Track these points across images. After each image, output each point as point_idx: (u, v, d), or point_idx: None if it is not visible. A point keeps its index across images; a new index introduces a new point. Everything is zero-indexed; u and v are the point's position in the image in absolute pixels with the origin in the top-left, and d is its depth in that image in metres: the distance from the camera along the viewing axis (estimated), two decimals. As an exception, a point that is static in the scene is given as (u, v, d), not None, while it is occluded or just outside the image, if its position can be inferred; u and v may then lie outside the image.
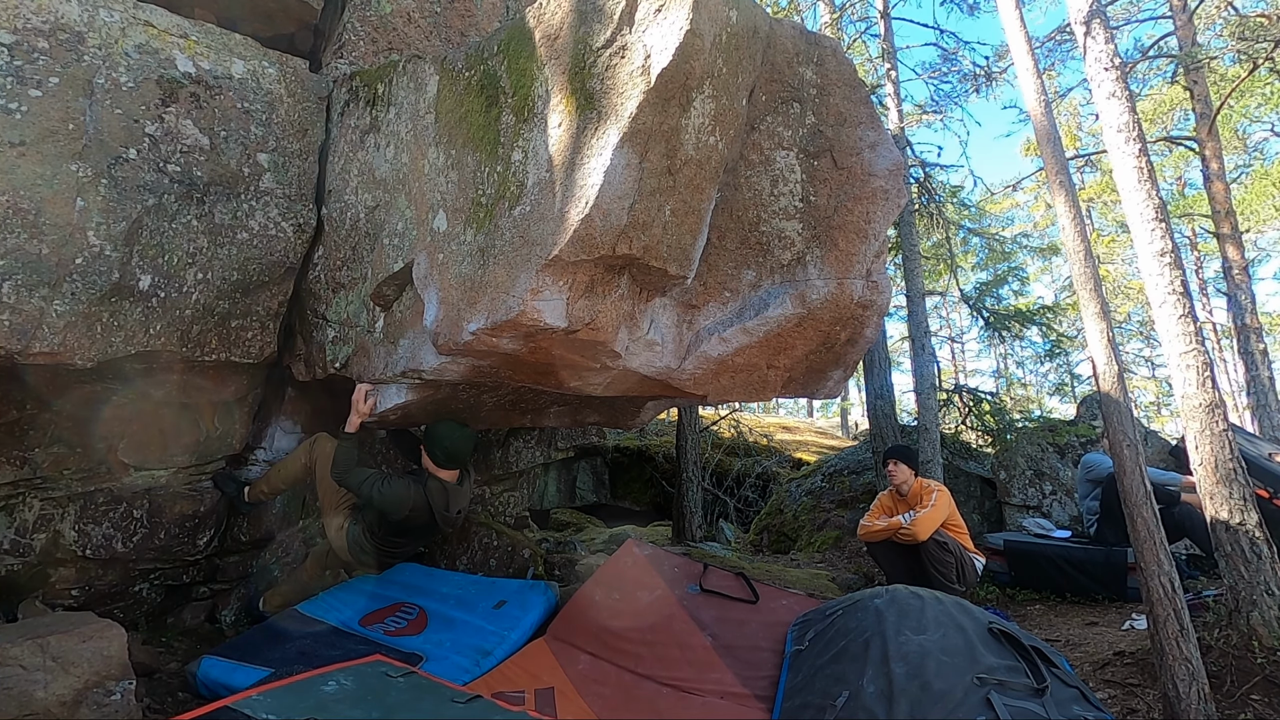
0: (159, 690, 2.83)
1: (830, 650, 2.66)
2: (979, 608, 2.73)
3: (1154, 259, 3.29)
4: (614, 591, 3.52)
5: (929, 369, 6.88)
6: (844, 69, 2.61)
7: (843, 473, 7.67)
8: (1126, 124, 3.42)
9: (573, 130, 2.14)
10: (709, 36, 2.07)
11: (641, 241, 2.16)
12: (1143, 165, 3.38)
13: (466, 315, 2.40)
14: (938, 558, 4.01)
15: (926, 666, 2.28)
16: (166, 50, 2.99)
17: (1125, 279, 18.77)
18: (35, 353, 2.55)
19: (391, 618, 3.44)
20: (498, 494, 5.40)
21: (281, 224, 3.25)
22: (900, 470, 4.37)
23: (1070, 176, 3.28)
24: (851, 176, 2.56)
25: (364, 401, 3.23)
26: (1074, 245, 3.04)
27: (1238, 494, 3.02)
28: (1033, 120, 3.37)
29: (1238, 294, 9.39)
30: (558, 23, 2.27)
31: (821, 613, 3.01)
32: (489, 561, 4.32)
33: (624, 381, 2.70)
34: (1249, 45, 7.94)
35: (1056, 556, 4.93)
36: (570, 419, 4.03)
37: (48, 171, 2.60)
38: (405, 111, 2.96)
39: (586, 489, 8.85)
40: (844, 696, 2.34)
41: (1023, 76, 3.39)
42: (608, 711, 2.74)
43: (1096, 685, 3.09)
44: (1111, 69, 3.50)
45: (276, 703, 2.07)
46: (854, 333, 2.71)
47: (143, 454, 3.31)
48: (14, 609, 3.04)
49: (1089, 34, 3.55)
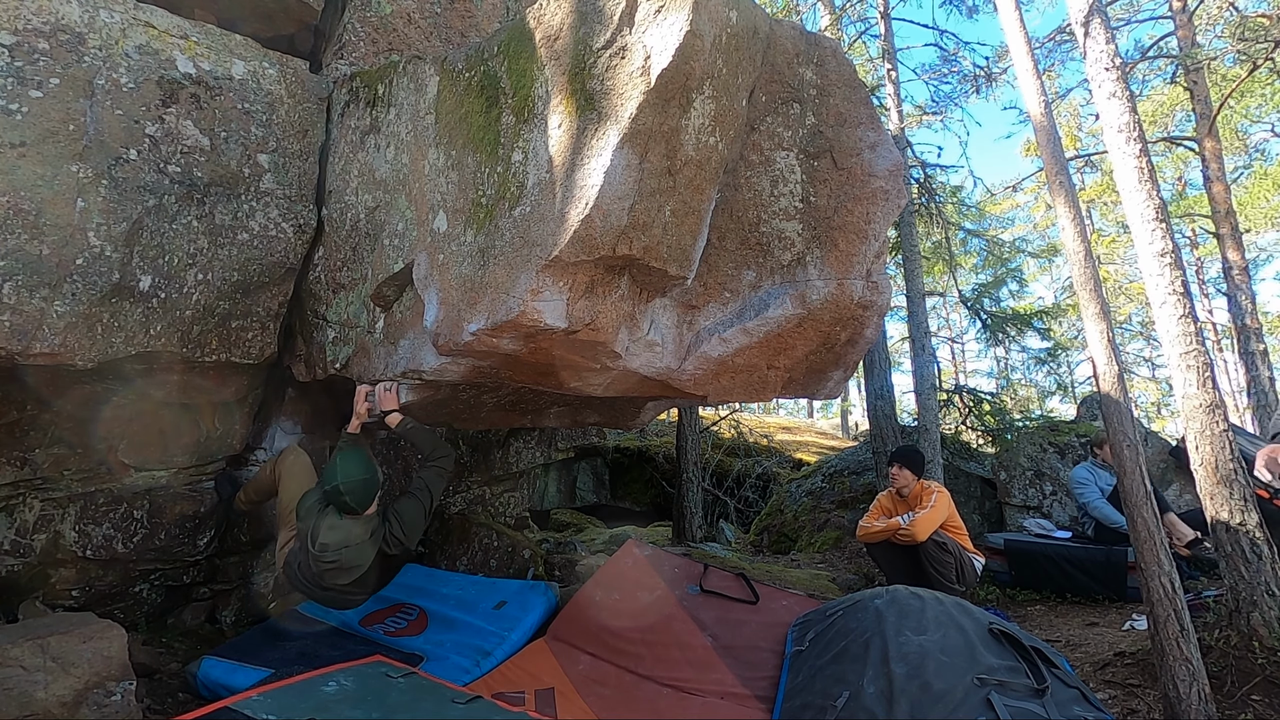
0: (159, 691, 2.83)
1: (830, 651, 2.66)
2: (979, 608, 2.73)
3: (1154, 259, 3.28)
4: (614, 592, 3.52)
5: (929, 369, 6.88)
6: (844, 69, 2.61)
7: (843, 473, 7.66)
8: (1127, 124, 3.42)
9: (573, 131, 2.14)
10: (709, 37, 2.07)
11: (641, 242, 2.16)
12: (1143, 166, 3.38)
13: (467, 316, 2.40)
14: (937, 558, 4.01)
15: (926, 667, 2.28)
16: (167, 51, 2.99)
17: (1126, 279, 18.76)
18: (36, 353, 2.55)
19: (392, 618, 3.44)
20: (498, 494, 5.40)
21: (282, 224, 3.25)
22: (903, 475, 4.37)
23: (1070, 177, 3.28)
24: (851, 177, 2.56)
25: (362, 402, 3.22)
26: (1074, 246, 3.04)
27: (1238, 494, 3.01)
28: (1033, 121, 3.37)
29: (1238, 294, 9.39)
30: (558, 24, 2.27)
31: (821, 613, 3.01)
32: (489, 562, 4.32)
33: (624, 382, 2.70)
34: (1249, 46, 7.94)
35: (1057, 556, 4.93)
36: (570, 419, 4.03)
37: (48, 172, 2.60)
38: (405, 112, 2.96)
39: (586, 489, 8.85)
40: (844, 696, 2.34)
41: (1023, 77, 3.39)
42: (608, 712, 2.74)
43: (1097, 686, 3.09)
44: (1112, 69, 3.50)
45: (277, 703, 2.08)
46: (854, 333, 2.71)
47: (143, 454, 3.31)
48: (14, 609, 3.05)
49: (1089, 34, 3.55)
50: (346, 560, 2.94)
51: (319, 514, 2.97)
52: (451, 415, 3.57)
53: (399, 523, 3.03)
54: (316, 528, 2.94)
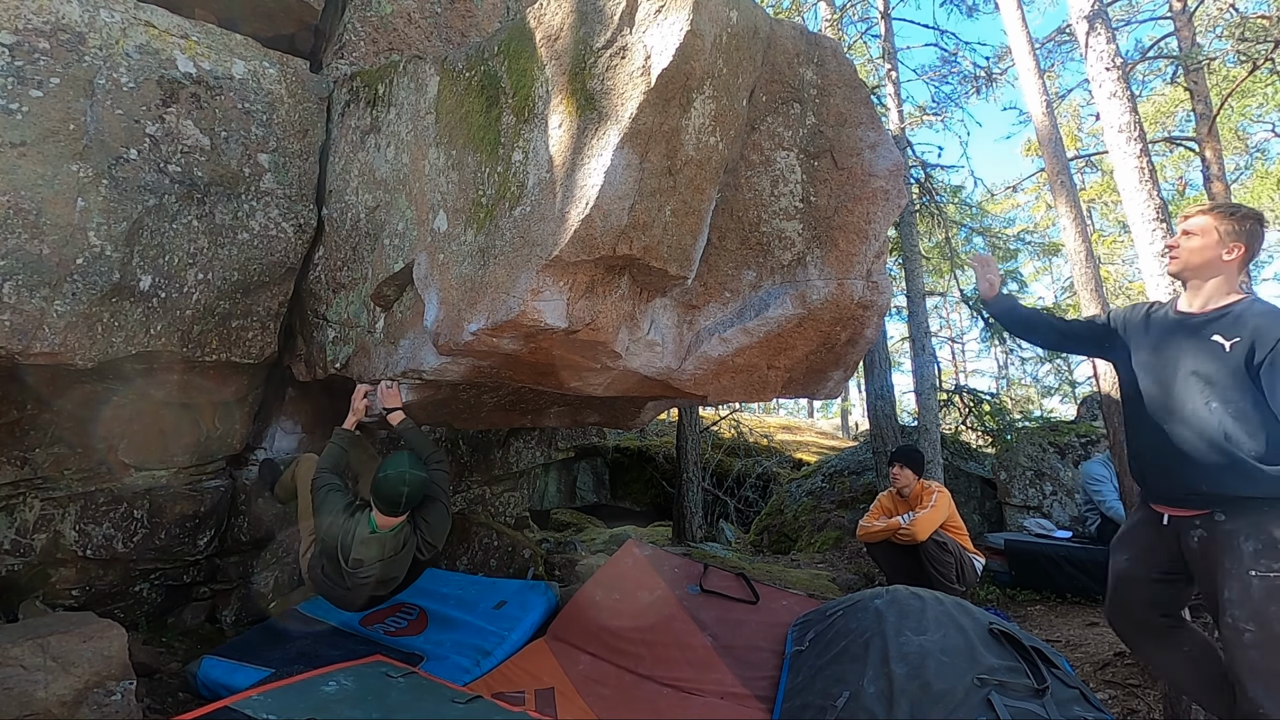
0: (159, 690, 2.83)
1: (830, 651, 2.66)
2: (979, 608, 2.73)
3: (1155, 259, 3.28)
4: (614, 592, 3.52)
5: (929, 369, 6.88)
6: (844, 69, 2.61)
7: (843, 473, 7.67)
8: (1128, 124, 3.42)
9: (573, 131, 2.14)
10: (709, 37, 2.07)
11: (642, 242, 2.16)
12: (1144, 166, 3.38)
13: (467, 315, 2.40)
14: (937, 558, 4.01)
15: (927, 667, 2.28)
16: (167, 51, 2.99)
17: (1126, 279, 18.75)
18: (36, 353, 2.55)
19: (392, 618, 3.44)
20: (498, 494, 5.41)
21: (282, 224, 3.25)
22: (904, 475, 4.37)
23: (1071, 177, 3.28)
24: (852, 177, 2.55)
25: (360, 399, 3.21)
26: (1075, 246, 3.04)
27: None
28: (1034, 121, 3.37)
29: (1238, 294, 9.37)
30: (558, 23, 2.27)
31: (822, 613, 3.01)
32: (489, 562, 4.32)
33: (624, 382, 2.70)
34: (1250, 46, 7.93)
35: (1057, 557, 4.93)
36: (570, 419, 4.03)
37: (48, 172, 2.60)
38: (406, 112, 2.96)
39: (586, 489, 8.86)
40: (844, 696, 2.34)
41: (1024, 77, 3.39)
42: (608, 712, 2.74)
43: (1097, 686, 3.09)
44: (1113, 69, 3.50)
45: (277, 703, 2.08)
46: (854, 333, 2.71)
47: (143, 454, 3.31)
48: (14, 609, 3.05)
49: (1090, 34, 3.55)
50: (383, 573, 2.84)
51: (346, 523, 2.81)
52: (451, 415, 3.57)
53: (427, 527, 2.93)
54: (347, 545, 2.78)
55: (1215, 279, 2.02)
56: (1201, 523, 1.95)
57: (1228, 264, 2.00)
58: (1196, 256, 2.02)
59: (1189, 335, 2.02)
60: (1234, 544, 1.86)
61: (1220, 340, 1.94)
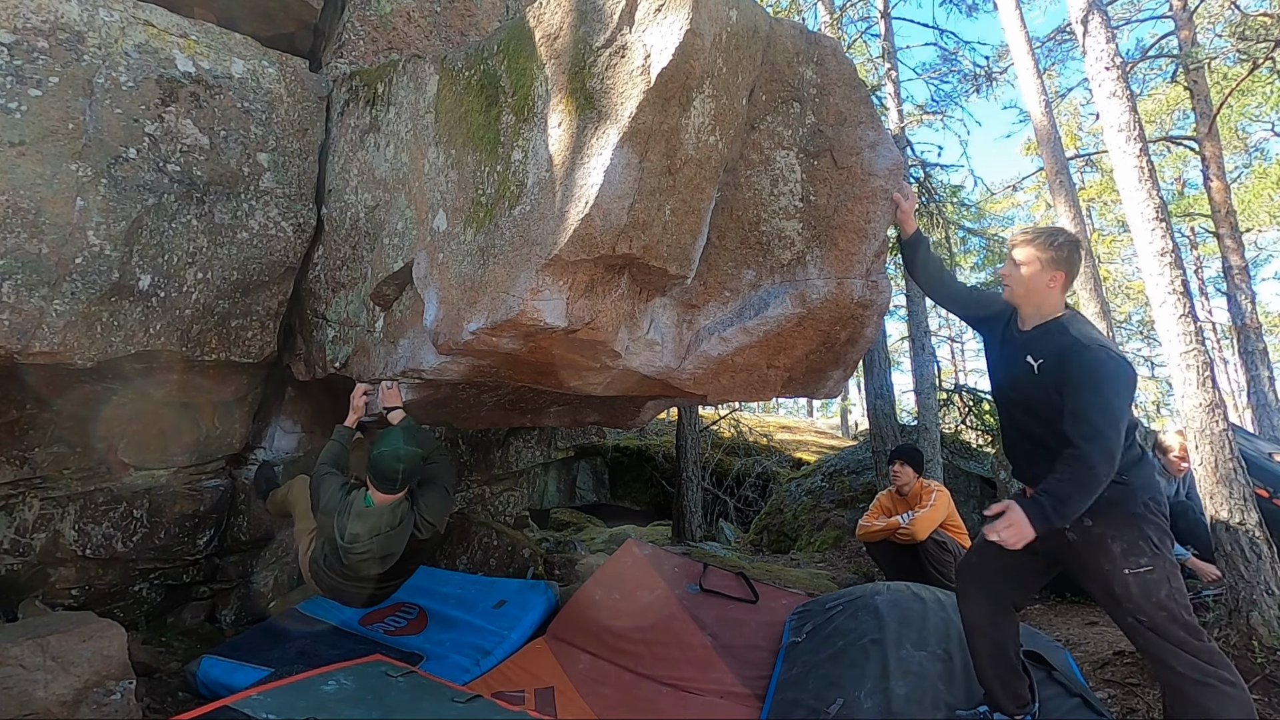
0: (159, 690, 2.83)
1: (828, 649, 2.66)
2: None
3: (1154, 259, 3.28)
4: (614, 591, 3.52)
5: (929, 369, 6.88)
6: (844, 69, 2.61)
7: (843, 472, 7.67)
8: (1127, 123, 3.42)
9: (573, 130, 2.14)
10: (709, 36, 2.07)
11: (641, 241, 2.16)
12: (1143, 165, 3.38)
13: (466, 315, 2.40)
14: (936, 557, 4.02)
15: (924, 694, 2.30)
16: (166, 50, 2.99)
17: (1125, 279, 18.76)
18: (35, 352, 2.55)
19: (391, 617, 3.44)
20: (497, 493, 5.41)
21: (281, 223, 3.25)
22: (905, 472, 4.37)
23: (1070, 176, 3.29)
24: (851, 176, 2.55)
25: (360, 397, 3.22)
26: (1074, 245, 3.04)
27: (1238, 494, 3.01)
28: (1033, 120, 3.37)
29: (1238, 294, 9.38)
30: (558, 22, 2.27)
31: (821, 605, 3.01)
32: (489, 561, 4.32)
33: (624, 381, 2.70)
34: (1250, 45, 7.93)
35: (1056, 556, 4.93)
36: (570, 418, 4.03)
37: (48, 171, 2.60)
38: (405, 111, 2.96)
39: (586, 489, 8.86)
40: (838, 704, 2.35)
41: (1023, 76, 3.39)
42: (608, 711, 2.74)
43: (1096, 685, 3.08)
44: (1112, 68, 3.50)
45: (276, 702, 2.08)
46: (854, 332, 2.71)
47: (143, 454, 3.31)
48: (14, 609, 3.04)
49: (1089, 33, 3.55)
50: (380, 549, 2.90)
51: (342, 502, 2.88)
52: (451, 414, 3.57)
53: (426, 505, 3.00)
54: (343, 520, 2.85)
55: (1042, 303, 2.14)
56: (1072, 526, 2.00)
57: (1051, 289, 2.12)
58: (1023, 286, 2.15)
59: (1018, 350, 2.15)
60: (1105, 545, 1.98)
61: (1031, 361, 2.07)
